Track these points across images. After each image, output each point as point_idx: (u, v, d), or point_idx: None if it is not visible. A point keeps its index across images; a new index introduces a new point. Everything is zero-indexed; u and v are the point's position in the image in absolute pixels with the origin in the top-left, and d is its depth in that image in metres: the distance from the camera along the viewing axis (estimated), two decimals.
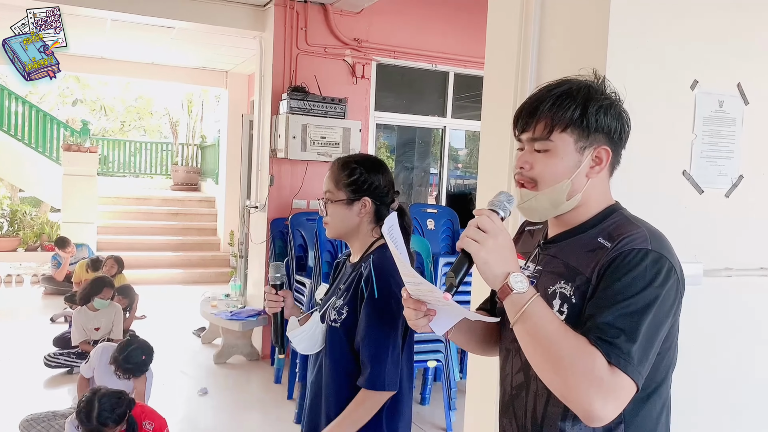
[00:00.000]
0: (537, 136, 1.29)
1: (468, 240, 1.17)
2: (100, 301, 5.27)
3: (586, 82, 1.33)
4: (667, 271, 1.18)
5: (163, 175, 15.15)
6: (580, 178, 1.29)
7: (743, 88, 2.23)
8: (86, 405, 2.83)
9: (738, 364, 2.33)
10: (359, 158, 1.90)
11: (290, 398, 4.82)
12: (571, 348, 1.12)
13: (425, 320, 1.32)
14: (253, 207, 6.03)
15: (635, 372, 1.11)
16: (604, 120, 1.29)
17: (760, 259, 2.33)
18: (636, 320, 1.13)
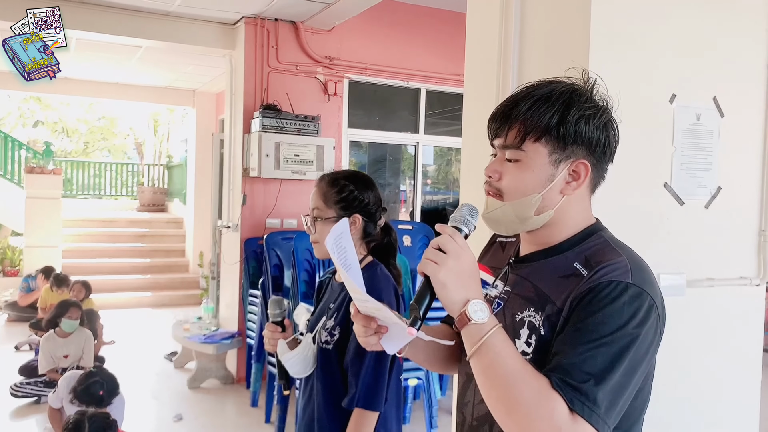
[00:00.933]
0: (508, 143, 1.17)
1: (426, 261, 1.06)
2: (68, 322, 5.10)
3: (571, 86, 1.18)
4: (647, 309, 1.06)
5: (128, 197, 14.91)
6: (553, 193, 1.15)
7: (719, 101, 2.28)
8: (75, 426, 2.74)
9: (721, 374, 2.36)
10: (348, 174, 1.88)
11: (268, 422, 4.73)
12: (530, 391, 1.00)
13: (375, 338, 1.21)
14: (225, 227, 5.95)
15: (600, 422, 1.00)
16: (585, 130, 1.14)
17: (740, 268, 2.37)
18: (608, 364, 1.01)
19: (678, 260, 2.23)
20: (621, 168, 2.13)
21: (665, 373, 2.20)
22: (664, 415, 2.22)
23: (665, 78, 2.19)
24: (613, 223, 2.07)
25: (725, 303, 2.34)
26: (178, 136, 14.35)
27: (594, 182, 1.22)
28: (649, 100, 2.17)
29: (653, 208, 2.20)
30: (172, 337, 6.02)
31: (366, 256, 1.86)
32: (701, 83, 2.26)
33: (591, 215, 1.24)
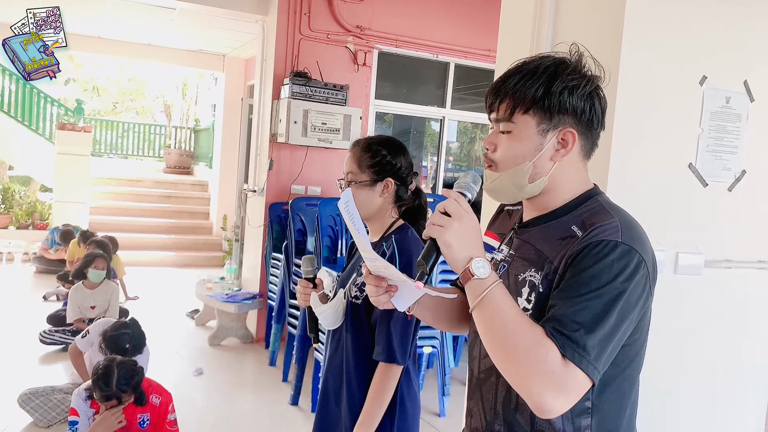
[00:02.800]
0: (500, 117, 1.24)
1: (432, 226, 1.15)
2: (95, 272, 5.25)
3: (559, 59, 1.24)
4: (636, 265, 1.13)
5: (154, 158, 15.09)
6: (544, 161, 1.22)
7: (749, 86, 2.30)
8: (105, 371, 2.87)
9: (733, 353, 2.41)
10: (381, 140, 1.94)
11: (285, 380, 4.87)
12: (526, 338, 1.09)
13: (386, 296, 1.31)
14: (251, 191, 6.05)
15: (590, 367, 1.08)
16: (569, 100, 1.20)
17: (759, 252, 2.40)
18: (597, 314, 1.09)
19: (697, 240, 2.27)
20: (647, 147, 2.18)
21: (676, 348, 2.27)
22: (671, 389, 2.28)
23: (697, 59, 2.21)
24: (636, 200, 2.13)
25: (742, 285, 2.37)
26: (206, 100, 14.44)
27: (585, 149, 1.27)
28: (679, 80, 2.20)
29: (677, 187, 2.23)
30: (195, 295, 6.18)
31: (397, 220, 1.93)
32: (733, 67, 2.27)
33: (588, 181, 1.30)
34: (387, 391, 1.78)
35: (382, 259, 1.26)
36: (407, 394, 1.86)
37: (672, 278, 2.22)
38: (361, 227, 1.31)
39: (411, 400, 1.88)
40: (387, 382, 1.78)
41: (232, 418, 4.28)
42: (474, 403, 1.37)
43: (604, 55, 1.71)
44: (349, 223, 1.29)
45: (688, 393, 2.33)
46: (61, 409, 3.85)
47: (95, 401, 2.97)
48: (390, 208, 1.91)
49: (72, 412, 3.04)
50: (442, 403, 4.44)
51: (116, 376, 2.86)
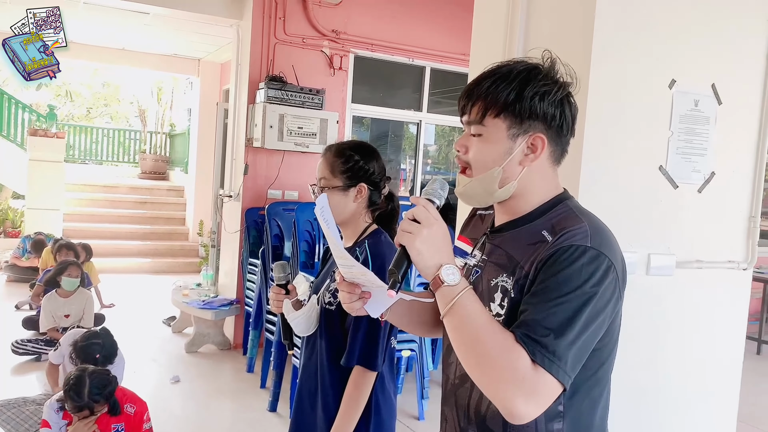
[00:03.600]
0: (472, 119, 1.25)
1: (402, 233, 1.15)
2: (68, 280, 5.17)
3: (531, 65, 1.25)
4: (605, 269, 1.14)
5: (129, 163, 14.91)
6: (513, 166, 1.23)
7: (717, 89, 2.34)
8: (76, 382, 2.81)
9: (705, 352, 2.44)
10: (353, 145, 1.94)
11: (263, 387, 4.83)
12: (496, 345, 1.09)
13: (360, 303, 1.31)
14: (227, 196, 6.01)
15: (560, 372, 1.09)
16: (539, 106, 1.21)
17: (728, 252, 2.44)
18: (567, 319, 1.10)
19: (669, 241, 2.31)
20: (618, 149, 2.21)
21: (649, 348, 2.30)
22: (644, 389, 2.31)
23: (666, 63, 2.25)
24: (607, 202, 2.16)
25: (712, 285, 2.42)
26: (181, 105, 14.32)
27: (555, 155, 1.28)
28: (648, 84, 2.23)
29: (648, 190, 2.27)
30: (171, 302, 6.11)
31: (371, 224, 1.93)
32: (701, 70, 2.32)
33: (558, 186, 1.31)
34: (361, 397, 1.78)
35: (360, 265, 1.26)
36: (382, 399, 1.86)
37: (644, 279, 2.25)
38: (336, 233, 1.31)
39: (386, 405, 1.87)
40: (361, 387, 1.78)
41: (210, 426, 4.24)
42: (449, 409, 1.37)
43: (575, 60, 1.73)
44: (325, 227, 1.29)
45: (660, 392, 2.36)
46: (34, 420, 3.78)
47: (67, 412, 2.92)
48: (363, 213, 1.91)
49: (44, 424, 2.99)
50: (421, 406, 4.44)
51: (88, 386, 2.81)
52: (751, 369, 5.96)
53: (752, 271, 2.54)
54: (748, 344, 3.70)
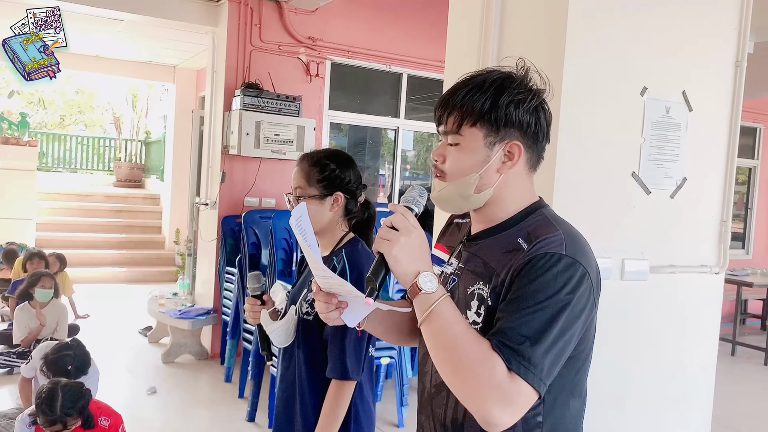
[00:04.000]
0: (448, 129, 1.25)
1: (380, 240, 1.15)
2: (42, 291, 5.08)
3: (505, 74, 1.26)
4: (579, 277, 1.15)
5: (104, 171, 14.74)
6: (490, 173, 1.24)
7: (688, 96, 2.37)
8: (48, 395, 2.76)
9: (679, 356, 2.47)
10: (329, 154, 1.93)
11: (241, 397, 4.79)
12: (473, 352, 1.10)
13: (336, 313, 1.31)
14: (203, 204, 5.96)
15: (536, 379, 1.09)
16: (515, 114, 1.22)
17: (701, 256, 2.48)
18: (542, 327, 1.11)
19: (642, 246, 2.33)
20: (591, 156, 2.23)
21: (624, 353, 2.32)
22: (620, 393, 2.33)
23: (637, 71, 2.28)
24: (582, 209, 2.17)
25: (686, 289, 2.45)
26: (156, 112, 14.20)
27: (531, 162, 1.29)
28: (621, 91, 2.26)
29: (621, 195, 2.29)
30: (147, 311, 6.04)
31: (348, 233, 1.92)
32: (672, 78, 2.35)
33: (533, 194, 1.32)
34: (341, 407, 1.77)
35: (336, 276, 1.25)
36: (361, 408, 1.85)
37: (619, 284, 2.27)
38: (314, 242, 1.30)
39: (365, 414, 1.87)
40: (341, 398, 1.77)
41: None
42: (425, 418, 1.37)
43: (548, 68, 1.74)
44: (301, 238, 1.28)
45: (636, 395, 2.38)
46: None
47: (39, 427, 2.86)
48: (340, 221, 1.91)
49: None
50: (401, 413, 4.43)
51: (61, 399, 2.76)
52: (725, 371, 6.06)
53: (725, 274, 2.58)
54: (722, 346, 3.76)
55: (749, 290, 7.39)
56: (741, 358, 7.09)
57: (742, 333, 7.62)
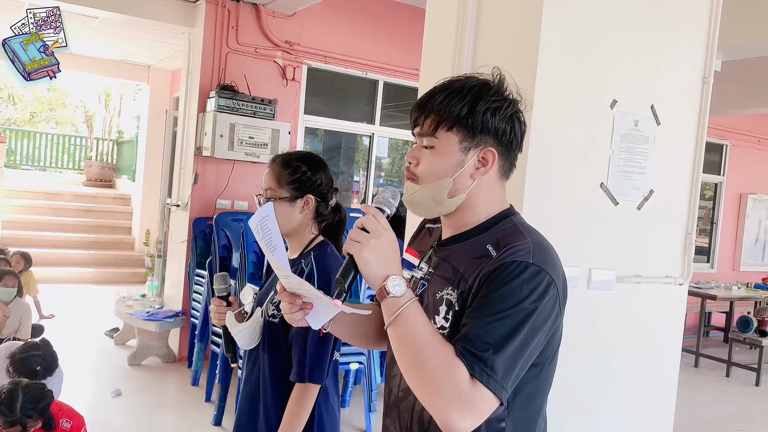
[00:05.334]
0: (424, 132, 1.26)
1: (351, 242, 1.15)
2: (4, 290, 4.98)
3: (483, 81, 1.28)
4: (545, 286, 1.16)
5: (73, 170, 14.50)
6: (464, 178, 1.25)
7: (656, 110, 2.43)
8: (8, 395, 2.69)
9: (643, 365, 2.52)
10: (300, 156, 1.93)
11: (208, 401, 4.74)
12: (437, 358, 1.10)
13: (301, 314, 1.30)
14: (175, 205, 5.90)
15: (497, 386, 1.10)
16: (491, 121, 1.24)
17: (666, 267, 2.53)
18: (506, 334, 1.11)
19: (609, 256, 2.37)
20: (561, 166, 2.26)
21: (589, 361, 2.35)
22: (584, 400, 2.37)
23: (607, 84, 2.32)
24: (551, 218, 2.21)
25: (651, 299, 2.49)
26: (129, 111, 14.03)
27: (504, 170, 1.31)
28: (591, 103, 2.30)
29: (589, 206, 2.33)
30: (114, 313, 5.96)
31: (317, 236, 1.93)
32: (641, 92, 2.40)
33: (504, 201, 1.33)
34: (303, 411, 1.77)
35: (296, 276, 1.25)
36: (325, 412, 1.85)
37: (585, 293, 2.30)
38: (279, 242, 1.29)
39: (329, 419, 1.86)
40: (304, 402, 1.76)
41: None
42: (391, 422, 1.38)
43: (521, 78, 1.77)
44: (262, 239, 1.27)
45: (598, 403, 2.42)
46: None
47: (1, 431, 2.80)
48: (310, 224, 1.91)
49: None
50: (369, 419, 4.43)
51: (21, 400, 2.70)
52: (688, 381, 6.17)
53: (688, 286, 2.63)
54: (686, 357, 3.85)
55: (713, 303, 7.54)
56: (704, 369, 7.23)
57: (705, 345, 7.77)
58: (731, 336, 7.08)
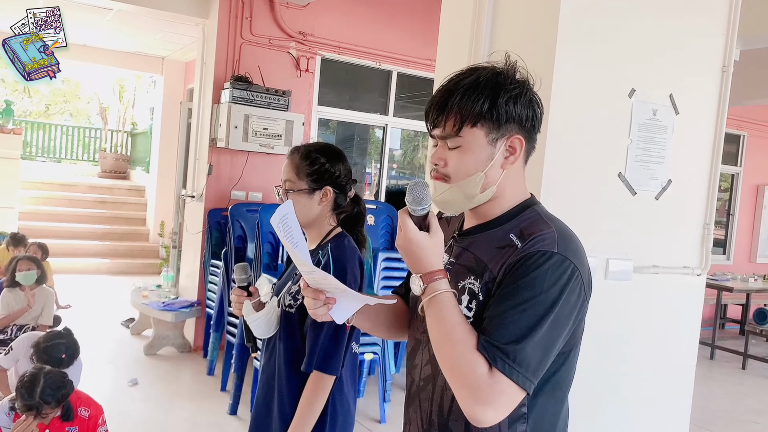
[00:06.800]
0: (447, 133, 1.25)
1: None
2: (22, 274, 5.04)
3: (495, 70, 1.26)
4: (570, 275, 1.15)
5: (88, 162, 14.60)
6: (495, 169, 1.25)
7: (675, 99, 2.40)
8: (30, 380, 2.72)
9: (660, 356, 2.50)
10: (319, 147, 1.92)
11: (224, 390, 4.78)
12: (461, 348, 1.12)
13: (324, 309, 1.31)
14: (189, 196, 5.93)
15: (521, 378, 1.10)
16: (514, 109, 1.23)
17: (684, 258, 2.51)
18: (531, 324, 1.11)
19: (627, 247, 2.36)
20: (579, 156, 2.25)
21: (605, 351, 2.34)
22: (600, 391, 2.36)
23: (626, 73, 2.30)
24: (568, 209, 2.19)
25: (668, 290, 2.48)
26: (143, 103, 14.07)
27: (527, 154, 1.31)
28: (609, 93, 2.28)
29: (607, 196, 2.32)
30: (130, 303, 6.00)
31: (335, 227, 1.92)
32: (660, 81, 2.38)
33: (526, 190, 1.33)
34: (318, 402, 1.77)
35: (321, 271, 1.25)
36: (339, 404, 1.84)
37: (602, 284, 2.29)
38: (301, 239, 1.28)
39: (343, 411, 1.86)
40: (318, 392, 1.77)
41: (168, 429, 4.18)
42: (412, 411, 1.38)
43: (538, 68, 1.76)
44: (284, 236, 1.27)
45: (615, 394, 2.41)
46: None
47: (18, 414, 2.83)
48: (328, 215, 1.91)
49: None
50: (383, 409, 4.44)
51: (42, 385, 2.72)
52: (704, 374, 6.14)
53: (706, 278, 2.61)
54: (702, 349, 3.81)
55: (729, 295, 7.48)
56: (720, 361, 7.19)
57: (722, 337, 7.72)
58: (747, 328, 7.03)
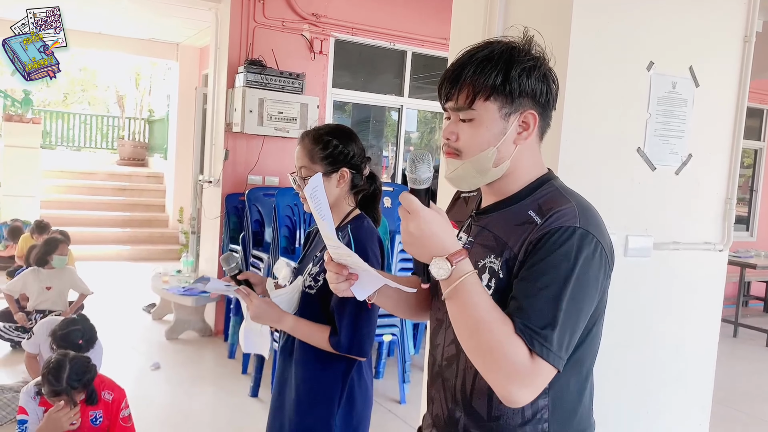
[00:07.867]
0: (460, 105, 1.23)
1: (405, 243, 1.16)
2: (59, 258, 5.13)
3: (509, 44, 1.24)
4: (593, 249, 1.15)
5: (107, 150, 14.73)
6: (507, 144, 1.23)
7: (695, 71, 2.35)
8: (56, 365, 2.77)
9: (681, 334, 2.47)
10: (330, 129, 1.90)
11: (245, 373, 4.82)
12: (499, 334, 1.10)
13: (346, 284, 1.32)
14: (207, 182, 5.95)
15: (556, 358, 1.11)
16: (527, 83, 1.21)
17: (704, 233, 2.46)
18: (561, 306, 1.11)
19: (646, 223, 2.32)
20: (596, 132, 2.21)
21: (625, 329, 2.31)
22: (620, 369, 2.34)
23: (644, 45, 2.25)
24: (586, 184, 2.15)
25: (689, 266, 2.44)
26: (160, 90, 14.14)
27: (541, 130, 1.29)
28: (627, 66, 2.23)
29: (625, 171, 2.27)
30: (151, 288, 6.07)
31: (354, 209, 1.91)
32: (679, 53, 2.32)
33: (543, 165, 1.31)
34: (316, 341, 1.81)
35: (345, 247, 1.26)
36: (358, 385, 1.85)
37: (622, 260, 2.26)
38: (328, 213, 1.28)
39: (361, 394, 1.86)
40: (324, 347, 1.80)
41: (191, 411, 4.23)
42: (435, 390, 1.37)
43: (554, 42, 1.72)
44: (314, 207, 1.27)
45: (636, 373, 2.38)
46: (11, 408, 3.74)
47: (44, 399, 2.88)
48: (346, 196, 1.89)
49: (20, 410, 2.95)
50: (403, 390, 4.46)
51: (68, 371, 2.77)
52: (727, 352, 6.07)
53: (728, 254, 2.57)
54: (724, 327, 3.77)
55: (753, 272, 7.37)
56: (743, 339, 7.11)
57: (745, 315, 7.63)
58: None
